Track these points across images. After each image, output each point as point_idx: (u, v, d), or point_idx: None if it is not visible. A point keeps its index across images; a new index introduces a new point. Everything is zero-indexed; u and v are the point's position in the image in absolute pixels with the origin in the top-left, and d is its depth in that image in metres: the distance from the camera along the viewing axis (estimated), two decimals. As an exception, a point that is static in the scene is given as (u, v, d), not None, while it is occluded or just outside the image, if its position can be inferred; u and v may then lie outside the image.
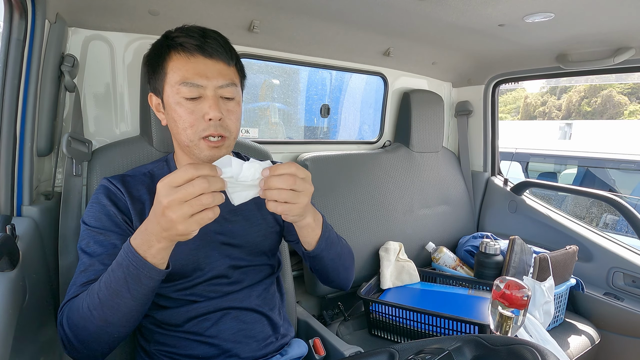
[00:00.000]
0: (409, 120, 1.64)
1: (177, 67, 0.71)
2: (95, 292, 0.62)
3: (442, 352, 0.59)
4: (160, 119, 0.80)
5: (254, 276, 0.85)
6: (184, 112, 0.71)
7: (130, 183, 0.79)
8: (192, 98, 0.71)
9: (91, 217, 0.74)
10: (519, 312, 0.81)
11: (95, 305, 0.61)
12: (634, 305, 1.35)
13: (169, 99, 0.73)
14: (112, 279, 0.60)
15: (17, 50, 0.74)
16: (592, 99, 23.07)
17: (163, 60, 0.73)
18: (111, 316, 0.61)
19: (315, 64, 1.47)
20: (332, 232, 0.81)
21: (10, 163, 0.75)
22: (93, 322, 0.62)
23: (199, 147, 0.72)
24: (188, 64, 0.71)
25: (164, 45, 0.74)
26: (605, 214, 3.95)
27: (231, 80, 0.74)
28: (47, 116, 0.85)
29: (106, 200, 0.75)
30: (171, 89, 0.72)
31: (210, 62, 0.72)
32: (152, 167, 0.85)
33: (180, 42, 0.71)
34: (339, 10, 1.07)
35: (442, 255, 1.52)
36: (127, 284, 0.59)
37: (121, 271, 0.59)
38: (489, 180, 1.88)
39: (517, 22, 1.10)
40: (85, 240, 0.72)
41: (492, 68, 1.70)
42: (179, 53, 0.72)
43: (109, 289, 0.60)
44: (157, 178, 0.82)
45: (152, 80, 0.77)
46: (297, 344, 0.92)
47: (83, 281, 0.68)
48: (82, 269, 0.70)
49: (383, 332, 1.21)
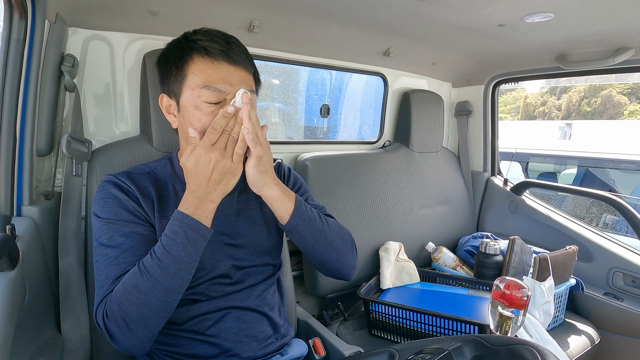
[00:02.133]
0: (409, 120, 1.64)
1: (199, 70, 0.71)
2: (153, 266, 0.64)
3: (442, 352, 0.59)
4: (171, 122, 0.79)
5: (256, 276, 0.85)
6: (203, 116, 0.72)
7: (136, 179, 0.78)
8: (213, 103, 0.72)
9: (109, 211, 0.72)
10: (519, 312, 0.81)
11: (158, 276, 0.64)
12: (633, 306, 1.35)
13: (187, 101, 0.73)
14: (170, 247, 0.65)
15: (17, 50, 0.74)
16: (592, 99, 23.08)
17: (184, 62, 0.73)
18: (174, 283, 0.65)
19: (315, 64, 1.47)
20: (313, 211, 0.82)
21: (10, 163, 0.75)
22: (156, 294, 0.64)
23: None
24: (212, 68, 0.71)
25: (186, 47, 0.73)
26: (605, 214, 3.95)
27: (251, 87, 0.76)
28: (47, 116, 0.85)
29: (121, 194, 0.74)
30: (191, 92, 0.72)
31: (234, 68, 0.73)
32: (155, 165, 0.84)
33: (204, 46, 0.71)
34: (339, 10, 1.07)
35: (442, 256, 1.52)
36: (187, 248, 0.65)
37: (180, 238, 0.65)
38: (489, 180, 1.88)
39: (517, 22, 1.10)
40: (107, 234, 0.71)
41: (492, 68, 1.70)
42: (202, 57, 0.72)
43: (170, 257, 0.64)
44: (159, 177, 0.81)
45: (167, 81, 0.76)
46: (297, 344, 0.92)
47: (118, 273, 0.68)
48: (113, 262, 0.68)
49: (383, 332, 1.21)
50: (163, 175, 0.82)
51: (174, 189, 0.80)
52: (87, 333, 0.88)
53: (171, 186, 0.80)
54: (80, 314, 0.87)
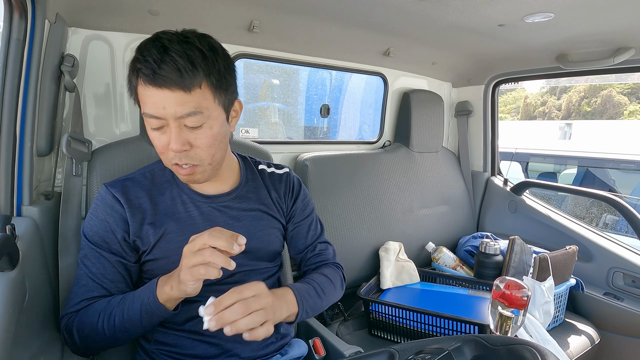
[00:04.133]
0: (409, 120, 1.64)
1: (144, 96, 0.66)
2: (112, 317, 0.69)
3: (442, 352, 0.59)
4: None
5: (255, 277, 0.85)
6: (155, 139, 0.69)
7: (130, 189, 0.77)
8: (157, 128, 0.67)
9: (91, 230, 0.75)
10: (519, 312, 0.81)
11: (110, 327, 0.69)
12: (633, 305, 1.35)
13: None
14: (129, 309, 0.69)
15: (17, 50, 0.74)
16: (592, 99, 23.07)
17: (134, 87, 0.68)
18: (121, 337, 0.71)
19: (315, 64, 1.47)
20: (311, 294, 0.80)
21: (10, 163, 0.75)
22: (104, 338, 0.70)
23: (176, 171, 0.73)
24: (145, 92, 0.65)
25: (133, 70, 0.67)
26: (605, 214, 3.95)
27: (193, 108, 0.65)
28: (47, 116, 0.85)
29: (106, 214, 0.75)
30: (144, 117, 0.68)
31: (163, 92, 0.63)
32: (155, 166, 0.84)
33: (139, 67, 0.64)
34: (339, 10, 1.07)
35: (442, 256, 1.52)
36: (141, 317, 0.68)
37: (139, 305, 0.68)
38: (489, 180, 1.88)
39: (517, 22, 1.10)
40: (84, 252, 0.75)
41: (492, 68, 1.70)
42: (145, 82, 0.64)
43: (125, 316, 0.69)
44: (158, 177, 0.82)
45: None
46: (297, 344, 0.92)
47: (85, 297, 0.73)
48: (83, 283, 0.74)
49: (383, 332, 1.21)
50: (160, 180, 0.81)
51: (170, 195, 0.80)
52: (87, 333, 0.88)
53: (168, 192, 0.80)
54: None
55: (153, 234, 0.76)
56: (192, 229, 0.77)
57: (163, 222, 0.77)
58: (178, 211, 0.78)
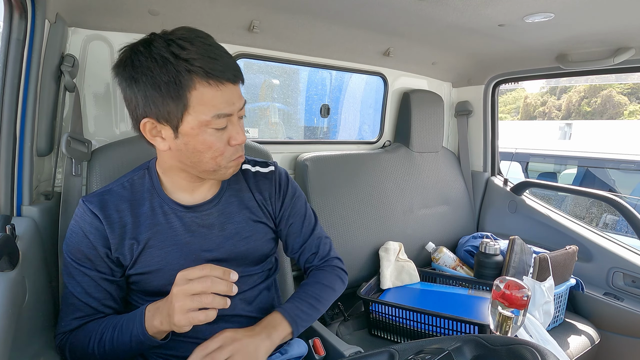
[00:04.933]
0: (409, 120, 1.64)
1: (206, 99, 0.63)
2: (103, 343, 0.69)
3: (442, 352, 0.59)
4: (157, 145, 0.70)
5: (243, 285, 0.83)
6: (214, 141, 0.67)
7: (109, 204, 0.74)
8: (222, 128, 0.67)
9: (71, 247, 0.73)
10: (519, 312, 0.81)
11: (101, 352, 0.69)
12: (633, 306, 1.35)
13: (192, 130, 0.65)
14: (119, 338, 0.68)
15: (17, 50, 0.74)
16: (592, 99, 23.07)
17: (184, 89, 0.62)
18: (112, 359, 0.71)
19: (315, 64, 1.47)
20: (304, 310, 0.83)
21: (10, 163, 0.75)
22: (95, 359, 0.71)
23: (227, 166, 0.72)
24: (217, 93, 0.63)
25: (181, 69, 0.61)
26: (605, 214, 3.95)
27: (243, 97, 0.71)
28: (47, 116, 0.85)
29: (85, 230, 0.72)
30: (196, 120, 0.64)
31: (234, 87, 0.66)
32: (133, 175, 0.80)
33: (204, 68, 0.61)
34: (339, 10, 1.07)
35: (441, 256, 1.52)
36: (131, 346, 0.68)
37: (128, 336, 0.68)
38: (489, 180, 1.88)
39: (517, 22, 1.10)
40: (67, 269, 0.74)
41: (492, 68, 1.70)
42: (207, 82, 0.62)
43: (115, 344, 0.69)
44: (137, 187, 0.78)
45: (161, 106, 0.64)
46: (297, 343, 0.92)
47: (74, 316, 0.73)
48: (71, 302, 0.73)
49: (383, 332, 1.21)
50: (140, 189, 0.78)
51: (150, 206, 0.76)
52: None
53: (148, 202, 0.76)
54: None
55: (135, 249, 0.74)
56: (174, 240, 0.76)
57: (144, 235, 0.74)
58: (159, 222, 0.76)
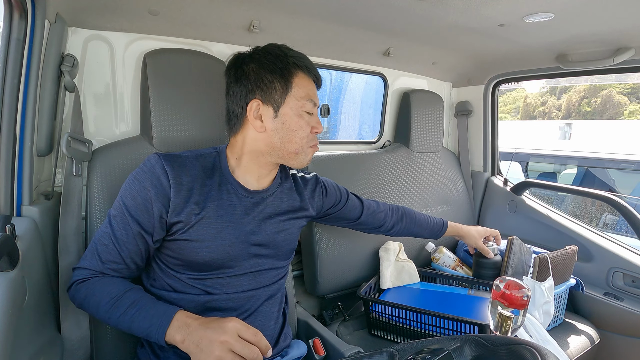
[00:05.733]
0: (409, 120, 1.64)
1: (304, 84, 0.81)
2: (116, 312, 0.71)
3: (441, 352, 0.59)
4: (256, 126, 0.81)
5: (268, 279, 0.87)
6: (304, 124, 0.82)
7: (182, 166, 0.78)
8: (310, 113, 0.83)
9: (128, 192, 0.75)
10: (519, 312, 0.81)
11: (108, 317, 0.72)
12: (633, 306, 1.35)
13: (291, 110, 0.80)
14: (132, 321, 0.70)
15: (17, 50, 0.74)
16: (592, 99, 23.08)
17: (290, 76, 0.80)
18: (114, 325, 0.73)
19: (315, 63, 1.46)
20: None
21: (10, 163, 0.75)
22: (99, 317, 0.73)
23: (306, 152, 0.85)
24: (311, 84, 0.84)
25: (290, 62, 0.81)
26: (605, 214, 3.95)
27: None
28: (47, 116, 0.85)
29: (151, 185, 0.74)
30: (296, 101, 0.80)
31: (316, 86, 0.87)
32: (204, 152, 0.85)
33: (306, 65, 0.83)
34: (339, 10, 1.07)
35: (441, 256, 1.52)
36: (140, 333, 0.70)
37: (145, 323, 0.69)
38: (489, 181, 1.88)
39: (517, 22, 1.10)
40: (115, 211, 0.76)
41: (492, 68, 1.70)
42: (306, 74, 0.83)
43: (125, 322, 0.70)
44: (207, 163, 0.83)
45: (267, 89, 0.80)
46: (297, 344, 0.93)
47: (103, 258, 0.75)
48: (105, 243, 0.75)
49: (383, 332, 1.21)
50: (210, 164, 0.83)
51: (218, 182, 0.81)
52: (87, 333, 0.88)
53: (216, 177, 0.82)
54: (80, 314, 0.87)
55: (195, 215, 0.76)
56: (231, 218, 0.80)
57: (207, 204, 0.78)
58: (222, 197, 0.80)
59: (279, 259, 0.89)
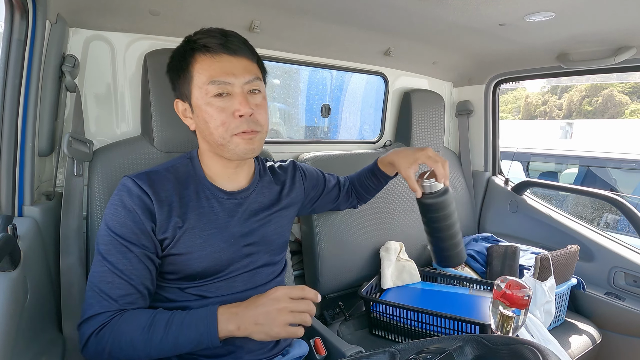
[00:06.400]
0: (410, 120, 1.64)
1: (203, 68, 0.73)
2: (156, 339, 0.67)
3: (443, 352, 0.59)
4: (188, 124, 0.80)
5: (264, 277, 0.86)
6: (215, 111, 0.73)
7: (156, 182, 0.76)
8: (220, 94, 0.73)
9: (115, 221, 0.71)
10: (520, 311, 0.81)
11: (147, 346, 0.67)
12: (635, 305, 1.35)
13: (197, 100, 0.74)
14: (177, 335, 0.67)
15: (18, 51, 0.74)
16: (593, 99, 23.04)
17: (188, 64, 0.75)
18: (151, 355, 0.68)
19: (316, 64, 1.47)
20: None
21: (12, 163, 0.76)
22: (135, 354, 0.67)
23: (234, 142, 0.75)
24: (214, 63, 0.73)
25: (187, 48, 0.75)
26: (606, 213, 3.95)
27: (256, 74, 0.77)
28: (48, 116, 0.85)
29: (134, 205, 0.72)
30: (199, 90, 0.74)
31: (235, 59, 0.74)
32: (175, 162, 0.83)
33: (203, 44, 0.73)
34: (339, 10, 1.07)
35: (443, 255, 1.52)
36: (191, 345, 0.67)
37: (194, 333, 0.67)
38: (490, 180, 1.88)
39: (518, 21, 1.10)
40: (107, 246, 0.71)
41: (492, 67, 1.70)
42: (203, 54, 0.73)
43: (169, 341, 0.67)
44: (180, 175, 0.80)
45: (177, 86, 0.79)
46: (298, 344, 0.93)
47: (113, 295, 0.70)
48: (109, 281, 0.70)
49: (384, 332, 1.21)
50: (184, 174, 0.81)
51: (194, 190, 0.79)
52: (89, 333, 0.88)
53: (192, 186, 0.80)
54: (82, 314, 0.87)
55: (179, 228, 0.75)
56: (215, 224, 0.79)
57: (188, 216, 0.76)
58: (202, 205, 0.79)
59: (273, 254, 0.88)
